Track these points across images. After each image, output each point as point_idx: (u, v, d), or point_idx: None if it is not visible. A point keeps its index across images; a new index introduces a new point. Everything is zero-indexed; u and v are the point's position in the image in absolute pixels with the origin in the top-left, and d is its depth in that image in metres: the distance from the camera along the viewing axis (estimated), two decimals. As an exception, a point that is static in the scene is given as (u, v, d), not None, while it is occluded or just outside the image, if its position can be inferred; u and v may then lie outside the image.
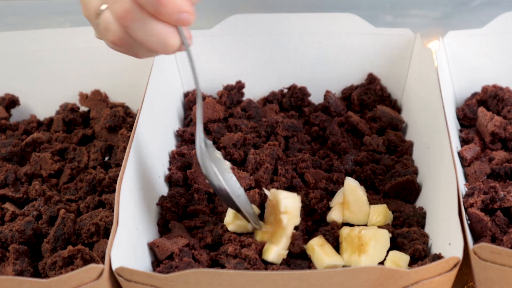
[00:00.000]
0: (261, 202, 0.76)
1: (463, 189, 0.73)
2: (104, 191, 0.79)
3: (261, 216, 0.75)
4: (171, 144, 0.86)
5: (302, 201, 0.74)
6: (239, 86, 0.95)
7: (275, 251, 0.68)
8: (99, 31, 0.63)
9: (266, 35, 0.95)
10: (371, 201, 0.74)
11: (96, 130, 0.90)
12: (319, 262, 0.67)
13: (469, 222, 0.68)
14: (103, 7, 0.61)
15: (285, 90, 0.96)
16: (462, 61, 0.91)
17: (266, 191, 0.72)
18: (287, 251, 0.69)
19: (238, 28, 0.94)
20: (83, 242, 0.71)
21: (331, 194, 0.77)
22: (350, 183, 0.74)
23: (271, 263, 0.68)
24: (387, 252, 0.68)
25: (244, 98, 0.95)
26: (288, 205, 0.70)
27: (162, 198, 0.77)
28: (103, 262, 0.63)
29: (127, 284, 0.59)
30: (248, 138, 0.85)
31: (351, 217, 0.73)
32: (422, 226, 0.72)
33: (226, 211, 0.73)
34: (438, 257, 0.63)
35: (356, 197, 0.73)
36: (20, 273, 0.68)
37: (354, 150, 0.84)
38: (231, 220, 0.72)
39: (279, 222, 0.70)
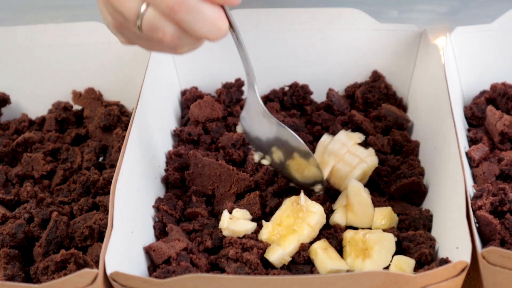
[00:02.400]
0: (262, 204, 0.76)
1: (471, 191, 0.73)
2: (98, 193, 0.79)
3: (267, 216, 0.75)
4: (167, 144, 0.86)
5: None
6: (239, 84, 0.95)
7: (280, 254, 0.68)
8: (134, 34, 0.64)
9: (266, 31, 0.95)
10: (376, 204, 0.74)
11: (90, 129, 0.90)
12: (322, 267, 0.68)
13: (477, 225, 0.68)
14: (143, 8, 0.60)
15: (286, 88, 0.96)
16: (470, 57, 0.91)
17: (302, 197, 0.72)
18: (290, 258, 0.69)
19: (238, 24, 0.94)
20: (77, 246, 0.71)
21: (334, 197, 0.77)
22: (354, 184, 0.74)
23: (272, 268, 0.68)
24: (392, 256, 0.68)
25: (243, 97, 0.96)
26: (317, 220, 0.71)
27: (159, 200, 0.77)
28: (97, 267, 0.63)
29: (122, 290, 0.59)
30: (248, 138, 0.85)
31: (355, 220, 0.73)
32: (429, 229, 0.72)
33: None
34: (445, 261, 0.63)
35: (360, 199, 0.73)
36: (11, 278, 0.68)
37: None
38: (226, 225, 0.72)
39: (296, 228, 0.70)
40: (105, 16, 0.65)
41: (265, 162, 0.76)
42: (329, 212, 0.75)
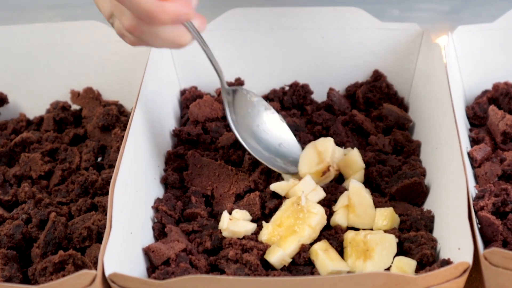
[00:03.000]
0: (262, 205, 0.76)
1: (473, 191, 0.73)
2: (96, 194, 0.79)
3: (267, 217, 0.75)
4: (167, 144, 0.86)
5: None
6: (238, 83, 0.95)
7: (280, 255, 0.68)
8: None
9: (266, 30, 0.95)
10: (377, 204, 0.74)
11: (89, 129, 0.90)
12: (322, 268, 0.68)
13: (479, 225, 0.68)
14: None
15: (287, 88, 0.96)
16: (472, 57, 0.91)
17: (302, 197, 0.72)
18: (291, 260, 0.69)
19: (237, 23, 0.94)
20: (75, 247, 0.71)
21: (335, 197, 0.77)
22: (355, 185, 0.74)
23: (273, 269, 0.68)
24: (394, 257, 0.68)
25: (242, 96, 0.95)
26: (318, 221, 0.71)
27: (158, 200, 0.77)
28: (95, 268, 0.63)
29: (121, 291, 0.59)
30: (247, 138, 0.85)
31: (356, 221, 0.73)
32: (430, 230, 0.72)
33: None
34: (446, 262, 0.63)
35: (361, 199, 0.73)
36: (8, 279, 0.68)
37: (359, 150, 0.84)
38: (226, 226, 0.72)
39: (296, 229, 0.70)
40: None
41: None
42: (329, 213, 0.74)
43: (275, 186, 0.77)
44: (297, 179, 0.77)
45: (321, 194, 0.76)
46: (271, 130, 0.80)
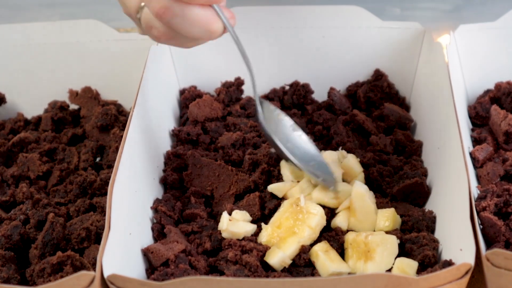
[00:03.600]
0: (262, 206, 0.76)
1: (475, 192, 0.73)
2: (95, 194, 0.79)
3: (267, 217, 0.75)
4: (166, 144, 0.86)
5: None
6: (238, 82, 0.95)
7: (280, 257, 0.68)
8: (142, 28, 0.67)
9: (266, 28, 0.95)
10: (378, 205, 0.74)
11: (87, 129, 0.90)
12: (323, 269, 0.67)
13: (481, 226, 0.68)
14: (142, 4, 0.64)
15: (287, 87, 0.96)
16: (474, 56, 0.91)
17: (301, 198, 0.72)
18: (291, 261, 0.69)
19: (237, 22, 0.94)
20: (73, 248, 0.71)
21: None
22: (359, 189, 0.74)
23: (273, 270, 0.68)
24: (395, 258, 0.68)
25: (243, 96, 0.95)
26: (318, 222, 0.71)
27: (157, 201, 0.77)
28: (94, 269, 0.63)
29: (119, 292, 0.59)
30: (247, 138, 0.85)
31: (357, 225, 0.73)
32: (432, 231, 0.72)
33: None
34: (448, 263, 0.63)
35: (363, 204, 0.73)
36: (6, 280, 0.68)
37: (360, 150, 0.84)
38: (225, 227, 0.72)
39: (296, 231, 0.70)
40: (122, 6, 0.69)
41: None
42: (330, 214, 0.74)
43: (272, 188, 0.77)
44: (295, 181, 0.77)
45: None
46: (303, 147, 0.78)
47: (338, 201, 0.74)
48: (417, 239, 0.69)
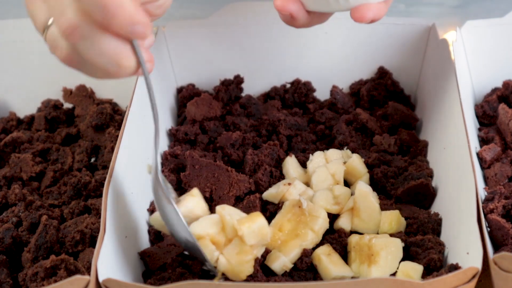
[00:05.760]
0: (262, 208, 0.76)
1: (483, 194, 0.73)
2: (90, 196, 0.79)
3: (267, 219, 0.75)
4: (163, 144, 0.86)
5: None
6: (238, 80, 0.95)
7: (281, 261, 0.68)
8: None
9: (267, 25, 0.95)
10: (382, 207, 0.74)
11: (82, 129, 0.90)
12: (325, 273, 0.67)
13: (489, 229, 0.68)
14: (50, 21, 0.59)
15: (288, 85, 0.96)
16: (481, 53, 0.91)
17: (303, 200, 0.72)
18: (292, 265, 0.69)
19: (237, 18, 0.95)
20: (67, 251, 0.71)
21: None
22: (363, 188, 0.74)
23: (273, 274, 0.68)
24: (400, 262, 0.68)
25: (243, 94, 0.96)
26: (321, 225, 0.71)
27: (154, 203, 0.77)
28: (88, 273, 0.63)
29: (115, 297, 0.59)
30: (247, 138, 0.85)
31: (361, 226, 0.73)
32: (438, 233, 0.72)
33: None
34: (455, 267, 0.63)
35: (367, 204, 0.73)
36: (-2, 285, 0.68)
37: (364, 150, 0.84)
38: None
39: (298, 234, 0.70)
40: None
41: None
42: (333, 216, 0.74)
43: (266, 196, 0.77)
44: (287, 184, 0.76)
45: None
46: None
47: (340, 207, 0.74)
48: (422, 242, 0.69)
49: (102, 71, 0.60)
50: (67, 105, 0.97)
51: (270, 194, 0.76)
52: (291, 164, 0.81)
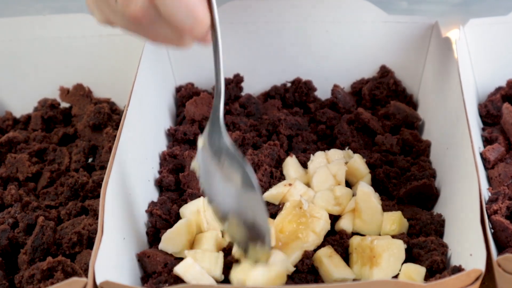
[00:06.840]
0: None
1: (486, 194, 0.73)
2: (87, 197, 0.79)
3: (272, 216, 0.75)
4: (161, 144, 0.86)
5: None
6: (237, 79, 0.95)
7: (283, 264, 0.68)
8: (110, 9, 0.61)
9: (267, 23, 0.95)
10: (384, 208, 0.74)
11: (79, 128, 0.90)
12: (327, 275, 0.67)
13: (492, 230, 0.68)
14: None
15: (288, 84, 0.96)
16: (485, 51, 0.91)
17: (304, 201, 0.71)
18: (294, 268, 0.68)
19: (237, 16, 0.94)
20: (64, 253, 0.71)
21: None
22: (364, 189, 0.74)
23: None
24: (402, 264, 0.68)
25: (242, 93, 0.96)
26: (322, 226, 0.71)
27: (152, 204, 0.77)
28: (86, 275, 0.63)
29: (112, 300, 0.59)
30: (247, 138, 0.85)
31: (362, 227, 0.73)
32: (441, 235, 0.72)
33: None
34: (458, 269, 0.63)
35: (369, 205, 0.73)
36: (-6, 287, 0.68)
37: (365, 150, 0.84)
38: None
39: (300, 235, 0.70)
40: None
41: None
42: (334, 217, 0.74)
43: (266, 197, 0.77)
44: (287, 184, 0.76)
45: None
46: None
47: (342, 208, 0.74)
48: (425, 243, 0.69)
49: (173, 29, 0.60)
50: (64, 105, 0.97)
51: (271, 195, 0.76)
52: (291, 164, 0.81)
